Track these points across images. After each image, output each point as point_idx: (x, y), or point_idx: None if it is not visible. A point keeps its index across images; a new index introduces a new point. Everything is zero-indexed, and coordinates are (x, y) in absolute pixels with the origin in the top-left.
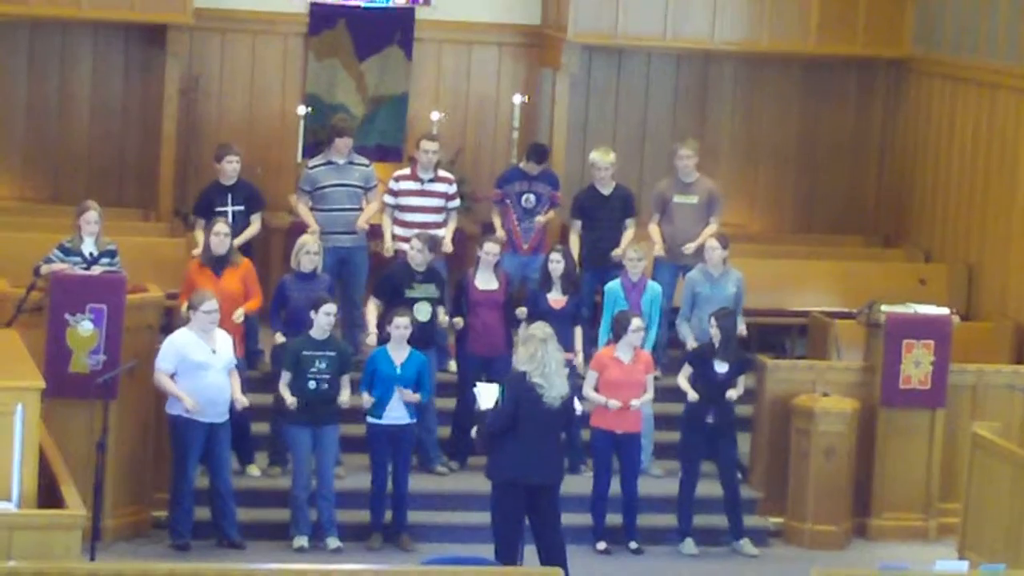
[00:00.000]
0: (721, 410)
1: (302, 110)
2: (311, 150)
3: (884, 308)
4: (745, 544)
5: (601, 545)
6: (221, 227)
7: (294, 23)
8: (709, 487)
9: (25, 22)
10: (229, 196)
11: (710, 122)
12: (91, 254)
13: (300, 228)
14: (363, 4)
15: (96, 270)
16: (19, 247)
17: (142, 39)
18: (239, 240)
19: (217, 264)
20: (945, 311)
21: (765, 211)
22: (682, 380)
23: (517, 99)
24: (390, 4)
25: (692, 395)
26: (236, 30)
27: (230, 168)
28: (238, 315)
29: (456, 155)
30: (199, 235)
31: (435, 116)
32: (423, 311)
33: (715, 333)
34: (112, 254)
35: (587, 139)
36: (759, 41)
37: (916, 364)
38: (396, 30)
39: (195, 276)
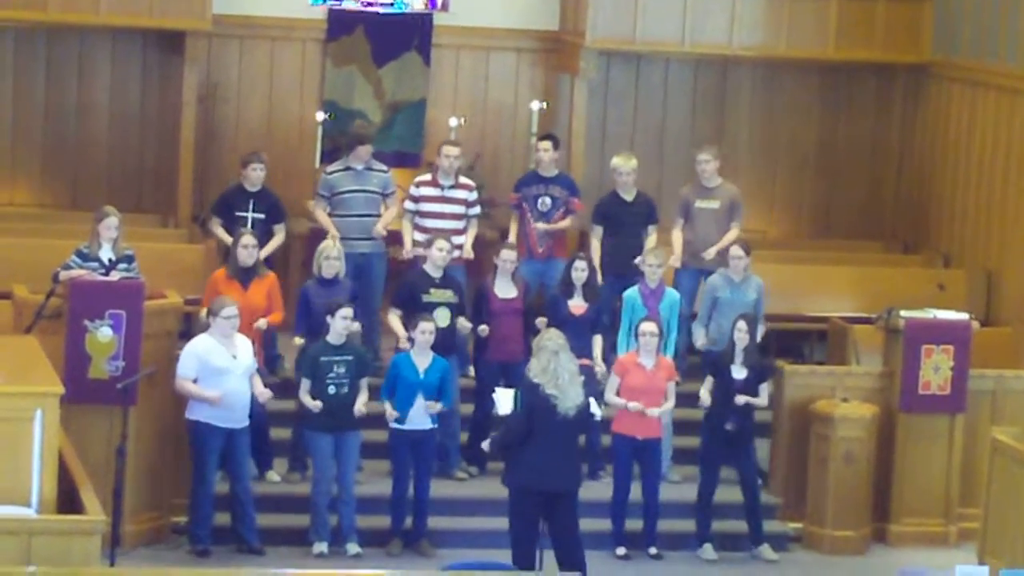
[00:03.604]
0: (740, 416)
1: (320, 116)
2: (329, 156)
3: (903, 313)
4: (764, 550)
5: (620, 550)
6: (248, 239)
7: (312, 29)
8: (729, 492)
9: (43, 29)
10: (251, 202)
11: (728, 128)
12: (109, 260)
13: (319, 234)
14: (381, 10)
15: (114, 276)
16: (38, 253)
17: (160, 45)
18: (264, 252)
19: (244, 276)
20: (964, 316)
21: (784, 217)
22: (704, 393)
23: (535, 105)
24: (408, 10)
25: (704, 398)
26: (254, 36)
27: (255, 175)
28: (260, 323)
29: (474, 161)
30: (218, 230)
31: (453, 122)
32: (442, 316)
33: (742, 338)
34: (130, 259)
35: (605, 145)
36: (777, 47)
37: (935, 369)
38: (414, 36)
39: (222, 287)
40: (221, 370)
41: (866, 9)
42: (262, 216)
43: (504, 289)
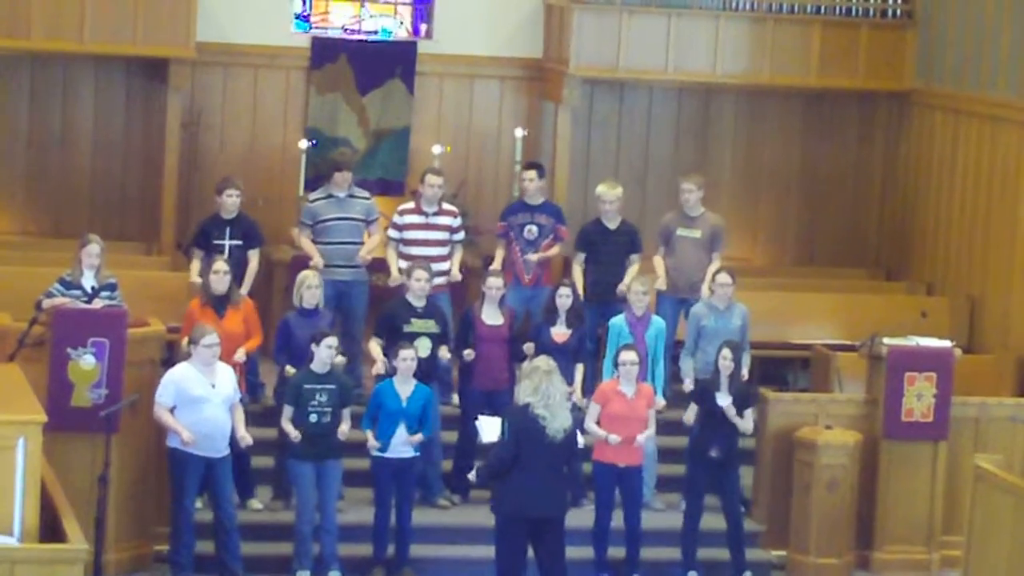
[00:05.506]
0: (725, 443)
1: (304, 144)
2: (313, 184)
3: (886, 341)
4: None
5: None
6: (220, 265)
7: (296, 57)
8: (713, 520)
9: (26, 56)
10: (227, 230)
11: (712, 155)
12: (92, 287)
13: (302, 262)
14: (365, 38)
15: (97, 304)
16: (21, 281)
17: (144, 73)
18: (244, 286)
19: (219, 304)
20: (947, 344)
21: (767, 244)
22: (690, 415)
23: (519, 132)
24: (392, 38)
25: (689, 419)
26: (238, 64)
27: (230, 202)
28: (240, 355)
29: (459, 188)
30: (195, 266)
31: (437, 149)
32: (423, 347)
33: (727, 365)
34: (112, 287)
35: (589, 172)
36: (761, 74)
37: (918, 397)
38: (398, 64)
39: (198, 317)
40: (198, 399)
41: (849, 37)
42: (239, 242)
43: (491, 316)
